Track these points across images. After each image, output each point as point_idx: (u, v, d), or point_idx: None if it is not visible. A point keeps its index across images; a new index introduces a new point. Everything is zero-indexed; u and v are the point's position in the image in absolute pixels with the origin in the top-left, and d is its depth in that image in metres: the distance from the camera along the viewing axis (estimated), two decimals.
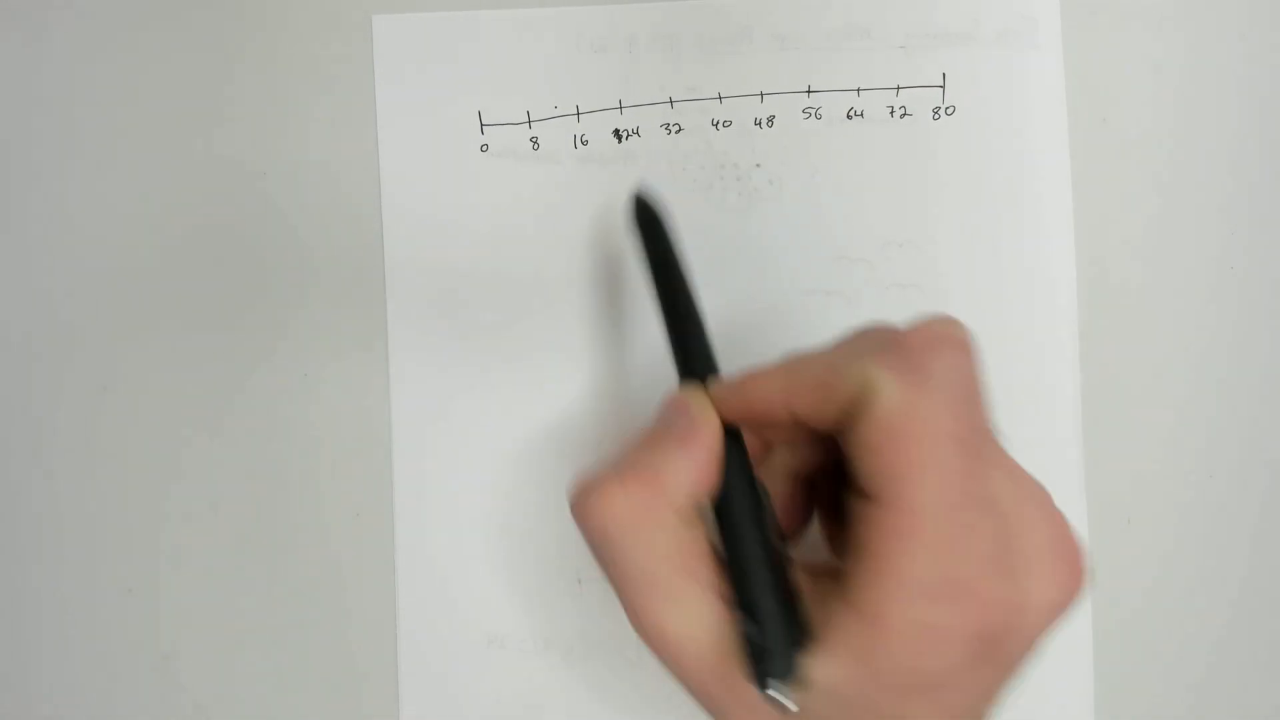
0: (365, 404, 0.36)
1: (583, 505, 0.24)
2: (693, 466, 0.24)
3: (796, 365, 0.25)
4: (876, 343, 0.24)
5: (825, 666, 0.22)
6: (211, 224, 0.37)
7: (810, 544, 0.29)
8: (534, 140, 0.36)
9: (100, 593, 0.37)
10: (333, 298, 0.37)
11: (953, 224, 0.36)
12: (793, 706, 0.22)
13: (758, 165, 0.36)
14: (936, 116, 0.36)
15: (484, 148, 0.36)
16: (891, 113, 0.36)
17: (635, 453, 0.25)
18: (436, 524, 0.36)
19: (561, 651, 0.36)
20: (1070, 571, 0.23)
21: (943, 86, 0.35)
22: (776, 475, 0.28)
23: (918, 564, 0.22)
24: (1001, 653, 0.23)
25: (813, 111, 0.36)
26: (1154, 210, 0.36)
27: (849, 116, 0.36)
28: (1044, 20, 0.35)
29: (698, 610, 0.24)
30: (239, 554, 0.37)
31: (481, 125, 0.36)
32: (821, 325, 0.35)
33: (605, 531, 0.24)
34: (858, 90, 0.36)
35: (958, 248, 0.36)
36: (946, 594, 0.22)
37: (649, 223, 0.30)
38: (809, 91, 0.36)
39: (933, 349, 0.23)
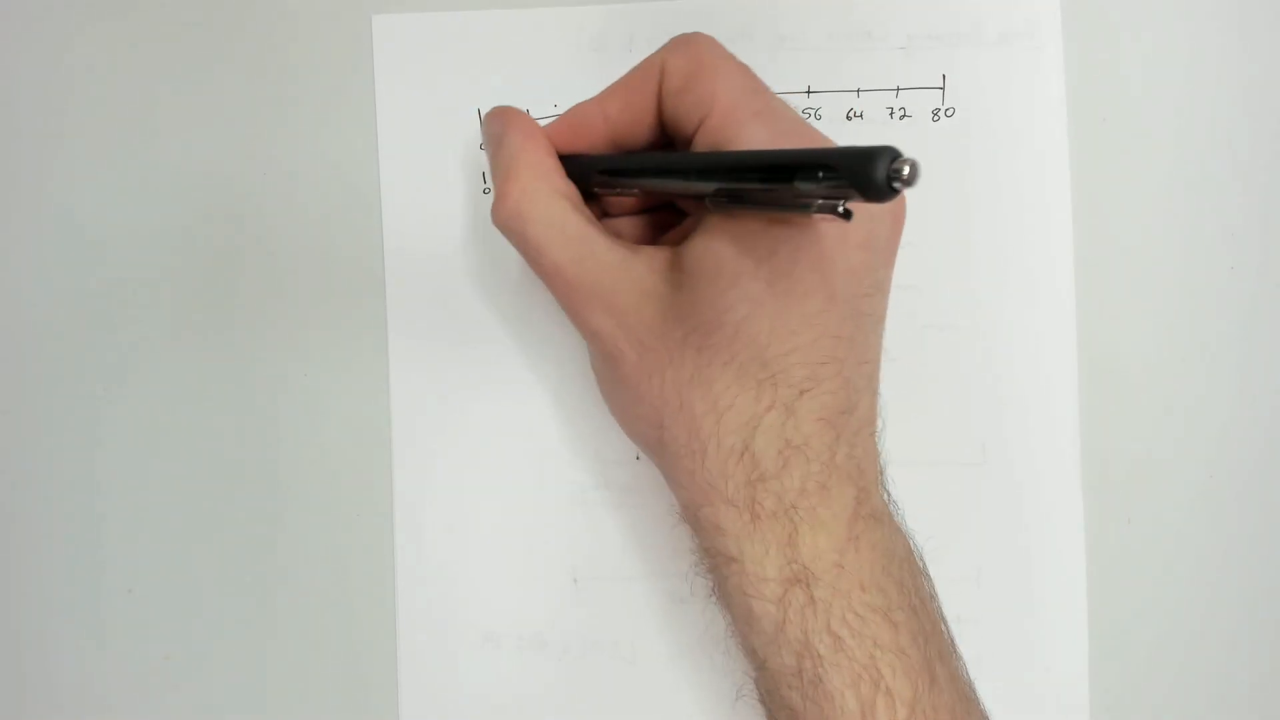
0: (365, 404, 0.36)
1: (498, 212, 0.28)
2: (544, 146, 0.29)
3: (605, 90, 0.30)
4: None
5: None
6: (211, 224, 0.37)
7: None
8: None
9: (100, 593, 0.37)
10: (333, 297, 0.37)
11: (952, 225, 0.36)
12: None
13: None
14: (936, 118, 0.36)
15: (484, 147, 0.36)
16: (891, 114, 0.36)
17: (504, 161, 0.29)
18: (435, 523, 0.36)
19: (558, 650, 0.36)
20: None
21: (942, 88, 0.35)
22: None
23: (746, 130, 0.26)
24: None
25: (813, 112, 0.36)
26: (1154, 210, 0.36)
27: (849, 117, 0.36)
28: (1044, 21, 0.35)
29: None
30: (239, 554, 0.37)
31: (481, 125, 0.36)
32: None
33: (521, 217, 0.28)
34: (857, 91, 0.36)
35: (957, 249, 0.36)
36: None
37: None
38: (809, 92, 0.36)
39: (693, 35, 0.29)
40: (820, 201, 0.23)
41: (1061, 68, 0.35)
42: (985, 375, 0.36)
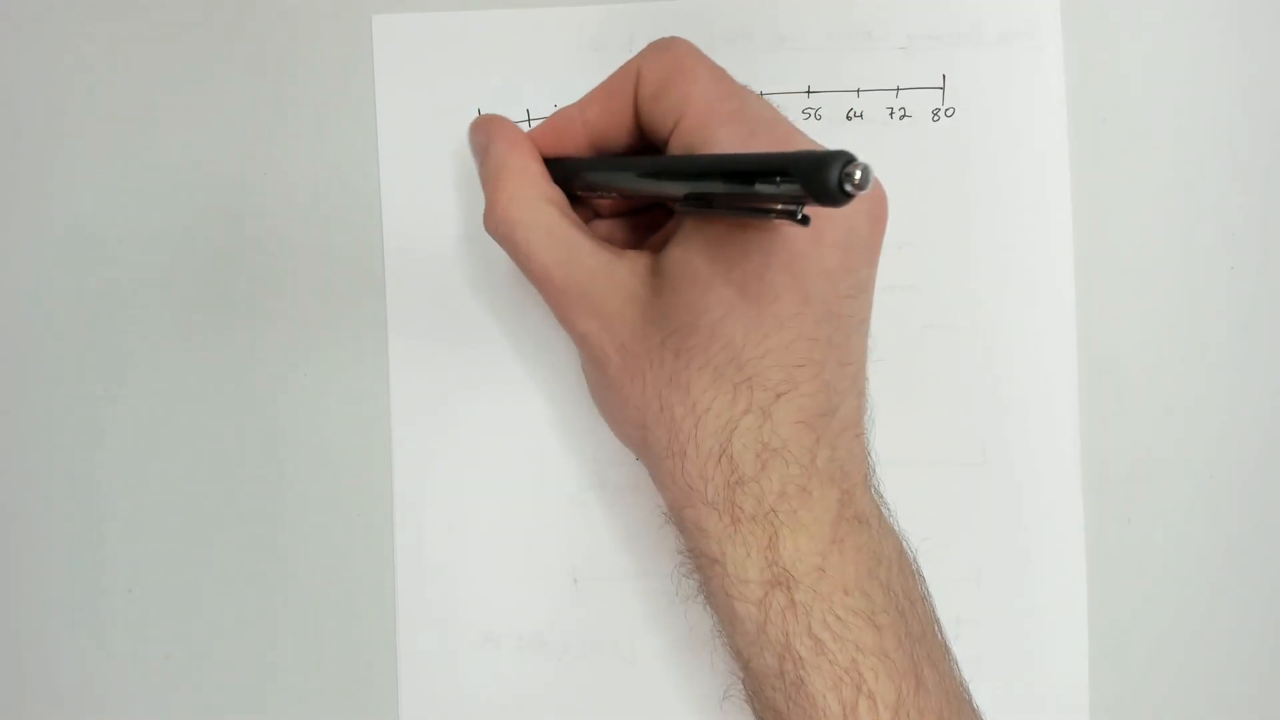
0: (365, 404, 0.36)
1: (489, 219, 0.29)
2: (529, 152, 0.30)
3: (586, 95, 0.30)
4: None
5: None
6: (211, 224, 0.37)
7: None
8: None
9: (100, 593, 0.37)
10: (333, 297, 0.37)
11: (952, 225, 0.36)
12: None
13: None
14: (936, 118, 0.36)
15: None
16: (891, 114, 0.36)
17: (491, 169, 0.30)
18: (435, 523, 0.36)
19: (558, 650, 0.36)
20: None
21: (942, 88, 0.35)
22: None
23: (719, 133, 0.26)
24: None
25: (813, 112, 0.36)
26: (1154, 210, 0.36)
27: (849, 117, 0.36)
28: (1044, 21, 0.35)
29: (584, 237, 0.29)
30: (239, 554, 0.37)
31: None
32: None
33: (510, 222, 0.29)
34: (857, 91, 0.36)
35: (957, 249, 0.36)
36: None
37: None
38: (809, 92, 0.36)
39: (670, 40, 0.29)
40: (780, 207, 0.23)
41: (1061, 68, 0.35)
42: (985, 375, 0.36)
